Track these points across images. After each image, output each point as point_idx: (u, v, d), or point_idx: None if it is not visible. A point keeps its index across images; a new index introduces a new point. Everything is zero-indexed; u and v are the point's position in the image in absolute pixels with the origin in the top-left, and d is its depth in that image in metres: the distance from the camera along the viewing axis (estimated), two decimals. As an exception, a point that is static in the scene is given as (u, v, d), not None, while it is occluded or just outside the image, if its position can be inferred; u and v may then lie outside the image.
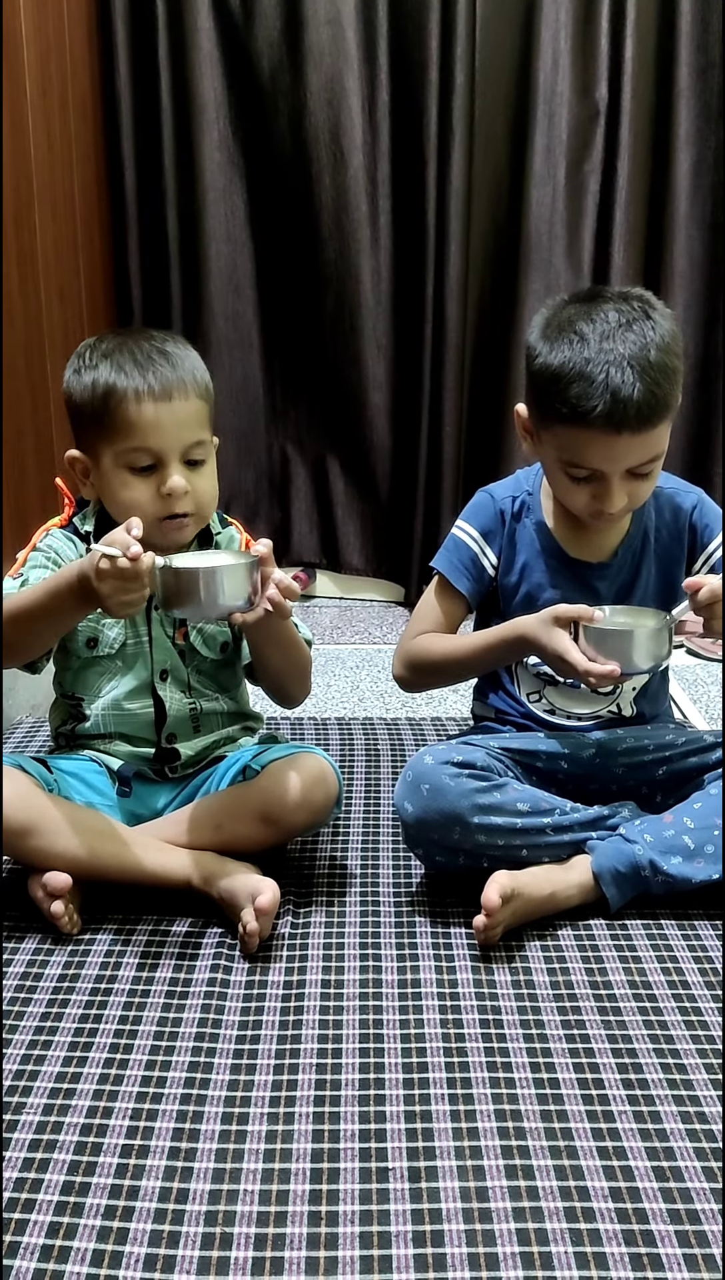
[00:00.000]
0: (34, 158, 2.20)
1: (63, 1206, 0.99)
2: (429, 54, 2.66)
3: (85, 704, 1.52)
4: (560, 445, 1.45)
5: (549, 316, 1.46)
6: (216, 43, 2.73)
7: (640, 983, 1.31)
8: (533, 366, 1.46)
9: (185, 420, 1.42)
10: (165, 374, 1.41)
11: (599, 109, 2.76)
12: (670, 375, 1.41)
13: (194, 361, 1.46)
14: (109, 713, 1.52)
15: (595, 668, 1.40)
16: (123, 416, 1.40)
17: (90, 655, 1.51)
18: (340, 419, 2.96)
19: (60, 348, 2.32)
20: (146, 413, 1.40)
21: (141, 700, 1.51)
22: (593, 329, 1.40)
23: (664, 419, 1.42)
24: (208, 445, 1.47)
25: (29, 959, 1.36)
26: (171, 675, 1.52)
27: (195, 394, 1.44)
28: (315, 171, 2.78)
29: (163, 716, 1.52)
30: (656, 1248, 0.95)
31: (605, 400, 1.37)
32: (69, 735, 1.56)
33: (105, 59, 2.70)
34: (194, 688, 1.54)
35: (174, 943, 1.39)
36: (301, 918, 1.45)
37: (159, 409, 1.40)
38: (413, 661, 1.60)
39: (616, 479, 1.43)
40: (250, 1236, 0.96)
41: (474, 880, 1.40)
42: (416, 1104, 1.12)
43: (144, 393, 1.40)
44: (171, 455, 1.42)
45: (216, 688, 1.57)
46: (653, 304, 1.45)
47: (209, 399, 1.48)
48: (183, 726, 1.54)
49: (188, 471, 1.43)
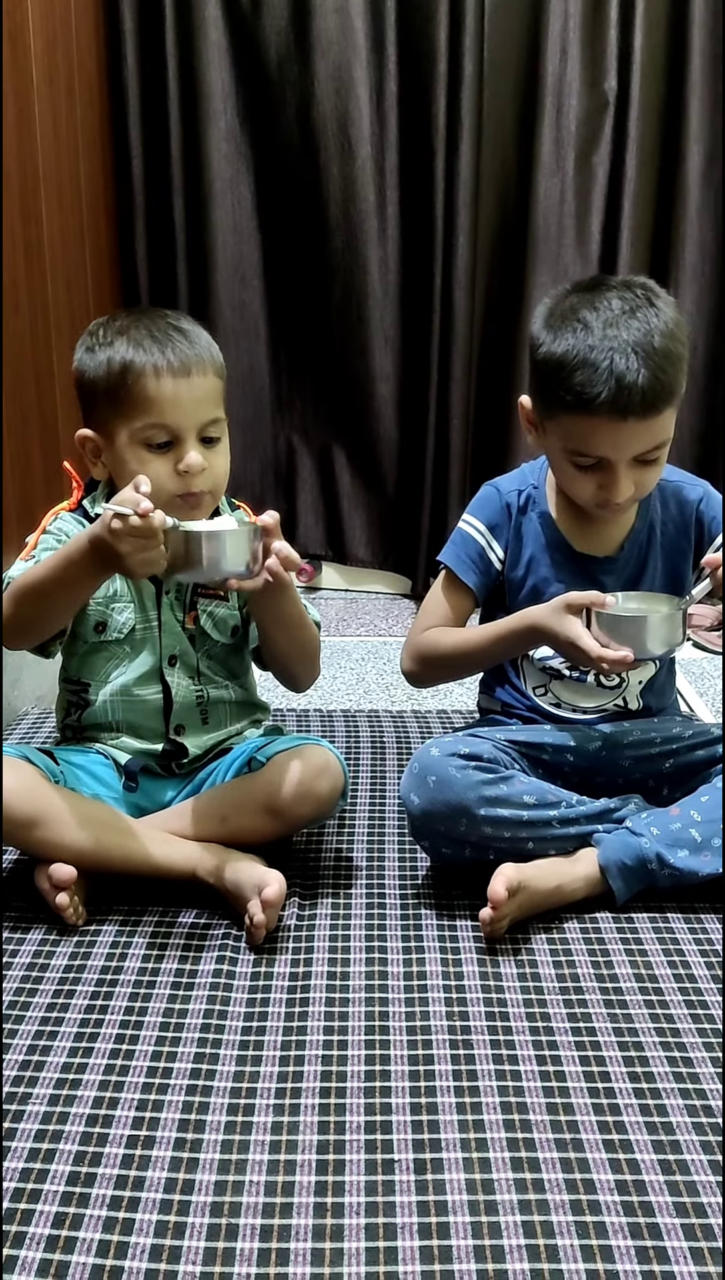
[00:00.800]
0: (40, 146, 2.19)
1: (69, 1197, 0.99)
2: (437, 44, 2.66)
3: (91, 689, 1.52)
4: (565, 434, 1.44)
5: (552, 306, 1.46)
6: (224, 32, 2.72)
7: (646, 976, 1.31)
8: (536, 356, 1.45)
9: (203, 397, 1.42)
10: (183, 350, 1.41)
11: (608, 100, 2.75)
12: (675, 361, 1.40)
13: (208, 339, 1.46)
14: (117, 699, 1.51)
15: (608, 654, 1.39)
16: (141, 392, 1.39)
17: (98, 640, 1.50)
18: (347, 410, 2.95)
19: (66, 336, 2.32)
20: (166, 388, 1.39)
21: (151, 686, 1.51)
22: (596, 317, 1.39)
23: (669, 405, 1.41)
24: (223, 424, 1.47)
25: (35, 949, 1.36)
26: (181, 660, 1.52)
27: (212, 371, 1.44)
28: (323, 161, 2.77)
29: (170, 703, 1.52)
30: (662, 1240, 0.94)
31: (610, 386, 1.37)
32: (75, 727, 1.56)
33: (112, 48, 2.69)
34: (203, 674, 1.53)
35: (180, 934, 1.39)
36: (307, 910, 1.44)
37: (178, 385, 1.39)
38: (422, 655, 1.60)
39: (623, 467, 1.43)
40: (256, 1227, 0.96)
41: (480, 873, 1.40)
42: (422, 1096, 1.12)
43: (163, 368, 1.39)
44: (189, 432, 1.41)
45: (226, 674, 1.56)
46: (656, 292, 1.45)
47: (224, 377, 1.48)
48: (190, 715, 1.53)
49: (204, 449, 1.43)
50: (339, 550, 3.06)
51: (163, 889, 1.44)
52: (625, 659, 1.39)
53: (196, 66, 2.72)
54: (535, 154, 2.78)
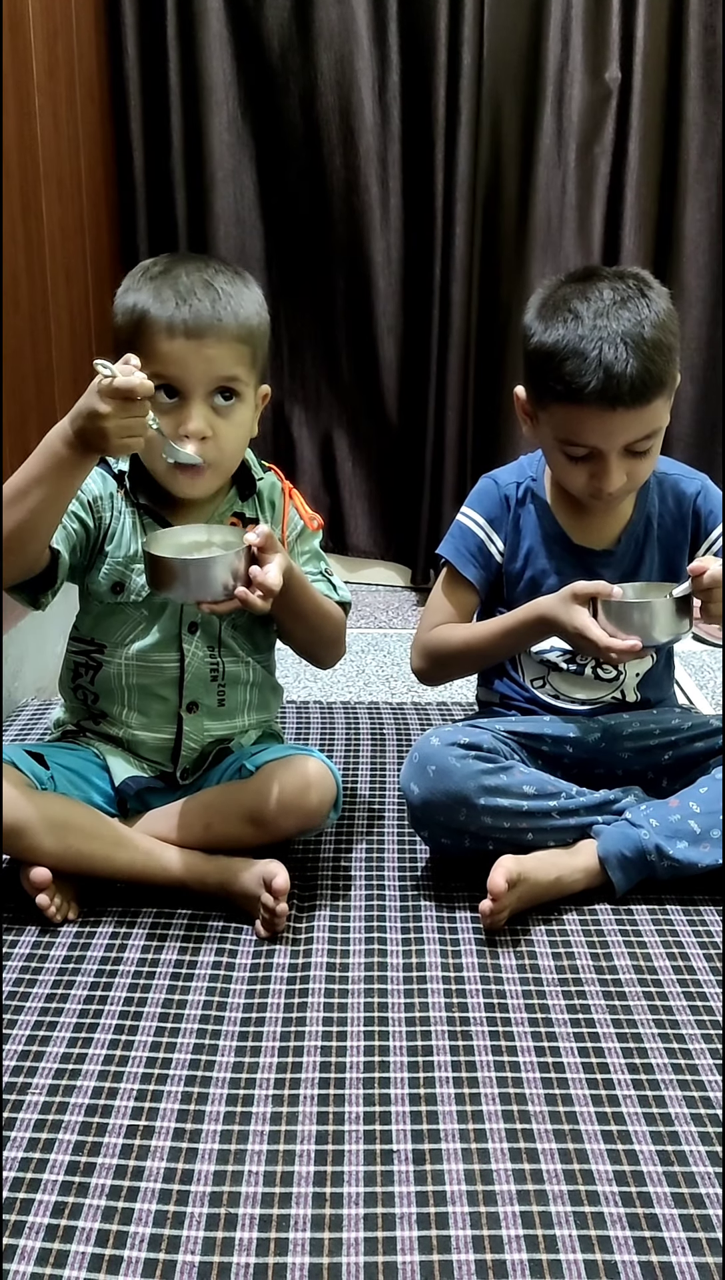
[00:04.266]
0: (41, 139, 2.18)
1: (67, 1187, 0.99)
2: (438, 35, 2.64)
3: (107, 651, 1.48)
4: (557, 424, 1.44)
5: (545, 296, 1.46)
6: (226, 23, 2.71)
7: (645, 967, 1.31)
8: (529, 346, 1.46)
9: (217, 359, 1.36)
10: (202, 309, 1.35)
11: (610, 90, 2.73)
12: (665, 351, 1.40)
13: (242, 300, 1.39)
14: (133, 663, 1.47)
15: (617, 643, 1.39)
16: (150, 347, 1.34)
17: (115, 601, 1.46)
18: (348, 400, 2.95)
19: (66, 331, 2.32)
20: (176, 348, 1.35)
21: (168, 653, 1.47)
22: (587, 307, 1.40)
23: (659, 395, 1.41)
24: (245, 387, 1.40)
25: (34, 941, 1.36)
26: (202, 629, 1.48)
27: (233, 336, 1.37)
28: (325, 153, 2.76)
29: (185, 674, 1.48)
30: (660, 1231, 0.95)
31: (599, 376, 1.37)
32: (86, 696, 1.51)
33: (113, 39, 2.69)
34: (225, 644, 1.49)
35: (179, 925, 1.39)
36: (306, 901, 1.45)
37: (188, 346, 1.35)
38: (431, 653, 1.60)
39: (614, 457, 1.43)
40: (255, 1218, 0.96)
41: (479, 864, 1.40)
42: (421, 1087, 1.12)
43: (176, 327, 1.34)
44: (195, 392, 1.37)
45: (249, 647, 1.52)
46: (649, 282, 1.45)
47: (253, 342, 1.41)
48: (205, 692, 1.49)
49: (213, 416, 1.38)
50: (340, 541, 3.05)
51: (157, 887, 1.44)
52: (634, 647, 1.39)
53: (198, 58, 2.71)
54: (536, 144, 2.76)
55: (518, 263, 2.84)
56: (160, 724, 1.50)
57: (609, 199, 2.81)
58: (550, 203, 2.80)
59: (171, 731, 1.50)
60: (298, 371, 2.95)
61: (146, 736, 1.50)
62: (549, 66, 2.72)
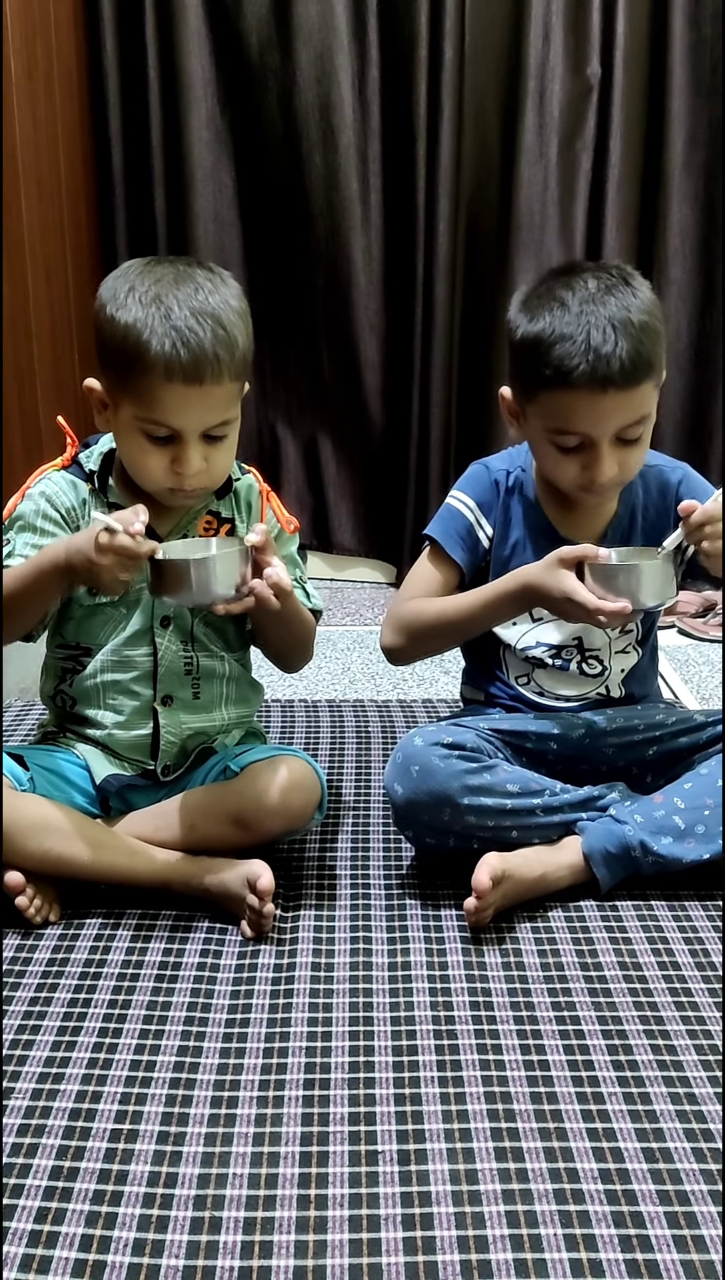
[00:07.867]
0: (19, 137, 2.17)
1: (51, 1191, 0.99)
2: (418, 29, 2.64)
3: (93, 653, 1.48)
4: (546, 414, 1.43)
5: (528, 291, 1.46)
6: (204, 19, 2.71)
7: (631, 964, 1.31)
8: (514, 338, 1.45)
9: (215, 404, 1.34)
10: (200, 349, 1.30)
11: (591, 85, 2.73)
12: (652, 335, 1.40)
13: (235, 328, 1.35)
14: (108, 659, 1.47)
15: (607, 605, 1.37)
16: (148, 388, 1.31)
17: (94, 603, 1.46)
18: (331, 399, 2.95)
19: (46, 330, 2.31)
20: (175, 394, 1.31)
21: (140, 647, 1.47)
22: (573, 295, 1.40)
23: (648, 377, 1.40)
24: (233, 423, 1.39)
25: (19, 942, 1.35)
26: (175, 623, 1.48)
27: (229, 376, 1.34)
28: (305, 150, 2.76)
29: (157, 667, 1.48)
30: (646, 1229, 0.95)
31: (588, 359, 1.36)
32: (65, 699, 1.52)
33: (91, 36, 2.68)
34: (197, 639, 1.50)
35: (164, 926, 1.39)
36: (291, 901, 1.44)
37: (188, 392, 1.31)
38: (404, 626, 1.57)
39: (605, 445, 1.42)
40: (239, 1220, 0.96)
41: (464, 862, 1.40)
42: (406, 1086, 1.12)
43: (175, 370, 1.30)
44: (192, 435, 1.36)
45: (222, 644, 1.52)
46: (631, 274, 1.45)
47: (243, 375, 1.39)
48: (180, 684, 1.49)
49: (206, 447, 1.37)
50: (324, 539, 3.05)
51: (141, 889, 1.43)
52: (624, 609, 1.36)
53: (177, 54, 2.70)
54: (518, 140, 2.76)
55: (501, 258, 2.84)
56: (137, 720, 1.49)
57: (591, 194, 2.81)
58: (532, 198, 2.80)
59: (148, 728, 1.49)
60: (280, 370, 2.95)
61: (124, 735, 1.49)
62: (530, 61, 2.72)
